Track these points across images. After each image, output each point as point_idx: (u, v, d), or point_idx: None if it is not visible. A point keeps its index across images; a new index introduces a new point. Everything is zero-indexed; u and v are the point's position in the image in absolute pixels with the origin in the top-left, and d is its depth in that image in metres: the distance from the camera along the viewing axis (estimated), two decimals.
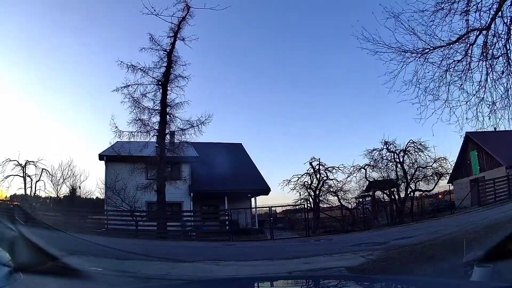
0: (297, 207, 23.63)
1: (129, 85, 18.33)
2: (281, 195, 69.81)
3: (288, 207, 25.66)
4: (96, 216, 19.60)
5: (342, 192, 22.08)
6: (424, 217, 20.17)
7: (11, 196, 29.06)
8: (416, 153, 21.38)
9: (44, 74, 46.98)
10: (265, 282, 3.35)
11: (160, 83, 18.61)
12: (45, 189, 31.65)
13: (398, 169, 21.40)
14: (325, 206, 23.16)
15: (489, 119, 8.14)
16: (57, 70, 48.74)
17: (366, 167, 21.91)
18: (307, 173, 22.50)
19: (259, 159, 56.49)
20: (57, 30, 45.28)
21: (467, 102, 8.06)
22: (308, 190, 22.33)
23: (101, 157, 21.48)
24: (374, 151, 21.72)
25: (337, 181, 22.33)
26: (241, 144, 28.41)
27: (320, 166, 22.27)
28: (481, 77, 7.95)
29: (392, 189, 21.34)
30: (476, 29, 7.76)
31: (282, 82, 56.76)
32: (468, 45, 7.91)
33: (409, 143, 21.33)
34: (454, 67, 8.03)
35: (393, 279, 3.22)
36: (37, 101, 49.27)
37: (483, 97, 8.01)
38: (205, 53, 46.10)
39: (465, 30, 7.74)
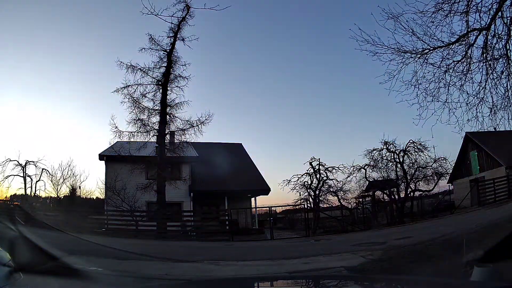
0: (297, 207, 23.67)
1: (129, 86, 18.37)
2: (281, 195, 69.98)
3: (288, 207, 25.74)
4: (96, 216, 19.57)
5: (342, 192, 22.05)
6: (424, 217, 20.14)
7: (11, 196, 29.11)
8: (416, 153, 21.36)
9: (44, 74, 47.09)
10: (265, 282, 3.36)
11: (160, 83, 18.61)
12: (45, 189, 31.71)
13: (398, 169, 21.38)
14: (325, 206, 23.16)
15: (490, 120, 8.14)
16: (57, 70, 48.80)
17: (366, 167, 21.89)
18: (307, 173, 22.49)
19: (259, 159, 56.68)
20: (57, 30, 45.32)
21: (467, 103, 8.06)
22: (308, 190, 22.31)
23: (101, 157, 21.47)
24: (374, 151, 21.71)
25: (337, 181, 22.31)
26: (241, 144, 28.45)
27: (320, 166, 22.26)
28: (481, 78, 7.95)
29: (392, 189, 21.32)
30: (476, 30, 7.75)
31: (282, 82, 56.87)
32: (468, 45, 7.90)
33: (409, 143, 21.31)
34: (454, 67, 8.02)
35: (393, 279, 3.22)
36: (37, 101, 49.36)
37: (483, 98, 8.00)
38: (205, 53, 46.25)
39: (465, 30, 7.74)
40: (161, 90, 18.61)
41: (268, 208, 20.96)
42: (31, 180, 29.93)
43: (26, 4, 42.10)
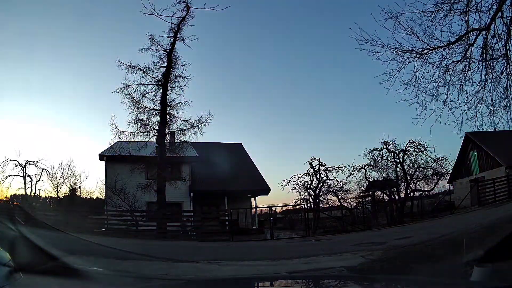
0: (297, 207, 23.67)
1: (129, 86, 18.34)
2: (281, 195, 69.94)
3: (288, 207, 25.74)
4: (96, 216, 19.58)
5: (342, 192, 22.07)
6: (424, 217, 20.14)
7: (11, 196, 29.11)
8: (416, 153, 21.36)
9: (44, 74, 47.07)
10: (265, 282, 3.36)
11: (160, 83, 18.60)
12: (45, 189, 31.81)
13: (398, 169, 21.38)
14: (325, 206, 23.16)
15: (489, 119, 8.15)
16: (57, 70, 48.81)
17: (366, 167, 21.89)
18: (307, 173, 22.51)
19: (259, 159, 56.67)
20: (57, 30, 45.33)
21: (466, 102, 8.07)
22: (308, 190, 22.33)
23: (101, 157, 21.46)
24: (374, 151, 21.71)
25: (337, 181, 22.33)
26: (241, 144, 28.43)
27: (320, 166, 22.27)
28: (480, 78, 7.96)
29: (392, 189, 21.31)
30: (475, 30, 7.76)
31: (282, 82, 56.88)
32: (468, 45, 7.91)
33: (409, 143, 21.32)
34: (453, 67, 8.03)
35: (393, 279, 3.22)
36: (38, 101, 49.37)
37: (482, 97, 8.01)
38: (205, 53, 46.23)
39: (465, 30, 7.75)
40: (161, 90, 18.60)
41: (268, 208, 20.99)
42: (31, 180, 29.98)
43: (27, 4, 42.12)
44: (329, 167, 22.36)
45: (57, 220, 16.78)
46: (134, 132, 18.32)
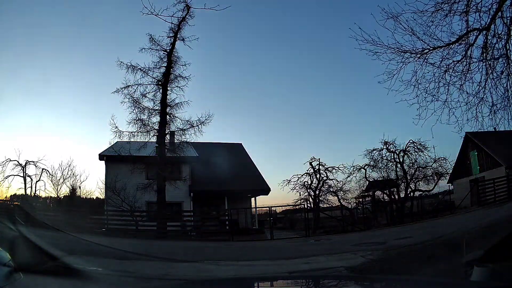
0: (297, 207, 23.69)
1: (129, 86, 18.32)
2: (281, 195, 69.91)
3: (288, 207, 25.77)
4: (96, 216, 19.57)
5: (342, 192, 22.09)
6: (424, 217, 20.14)
7: (11, 196, 29.08)
8: (416, 153, 21.36)
9: (45, 74, 47.02)
10: (265, 282, 3.36)
11: (160, 83, 18.59)
12: (45, 189, 31.77)
13: (398, 169, 21.39)
14: (325, 206, 23.18)
15: (490, 119, 8.14)
16: (57, 70, 48.79)
17: (366, 167, 21.90)
18: (307, 173, 22.53)
19: (259, 159, 56.61)
20: (57, 29, 45.33)
21: (467, 102, 8.06)
22: (308, 190, 22.36)
23: (101, 157, 21.47)
24: (374, 151, 21.70)
25: (337, 181, 22.36)
26: (241, 144, 28.43)
27: (320, 166, 22.30)
28: (481, 78, 7.95)
29: (392, 189, 21.32)
30: (475, 30, 7.76)
31: (282, 82, 56.88)
32: (468, 45, 7.90)
33: (409, 143, 21.33)
34: (453, 67, 8.02)
35: (393, 279, 3.22)
36: (38, 101, 49.37)
37: (482, 98, 8.01)
38: (205, 53, 46.14)
39: (465, 30, 7.74)
40: (161, 90, 18.59)
41: (268, 208, 20.98)
42: (31, 180, 29.92)
43: (26, 4, 42.09)
44: (329, 167, 22.41)
45: (57, 220, 16.75)
46: (134, 132, 18.33)
